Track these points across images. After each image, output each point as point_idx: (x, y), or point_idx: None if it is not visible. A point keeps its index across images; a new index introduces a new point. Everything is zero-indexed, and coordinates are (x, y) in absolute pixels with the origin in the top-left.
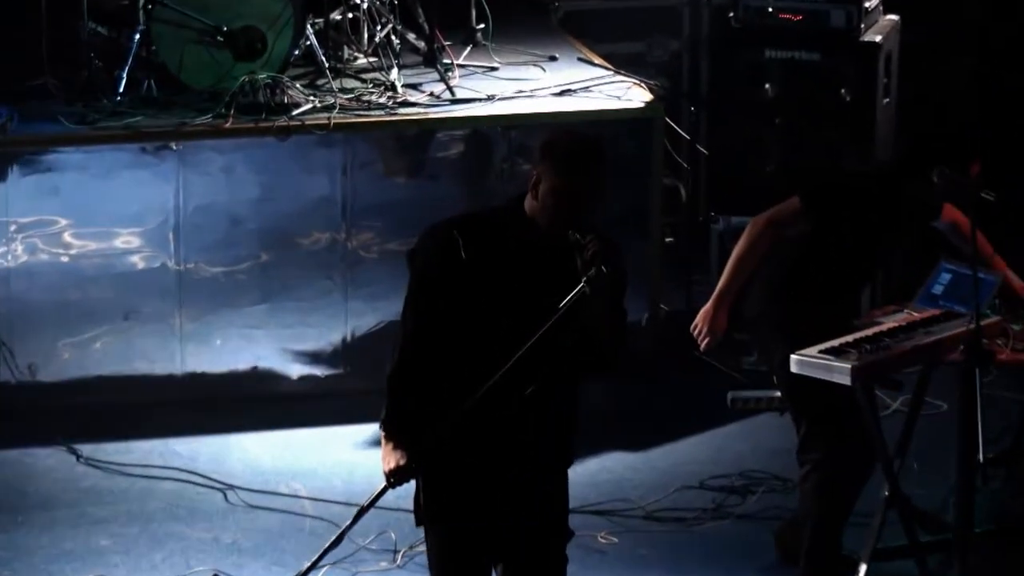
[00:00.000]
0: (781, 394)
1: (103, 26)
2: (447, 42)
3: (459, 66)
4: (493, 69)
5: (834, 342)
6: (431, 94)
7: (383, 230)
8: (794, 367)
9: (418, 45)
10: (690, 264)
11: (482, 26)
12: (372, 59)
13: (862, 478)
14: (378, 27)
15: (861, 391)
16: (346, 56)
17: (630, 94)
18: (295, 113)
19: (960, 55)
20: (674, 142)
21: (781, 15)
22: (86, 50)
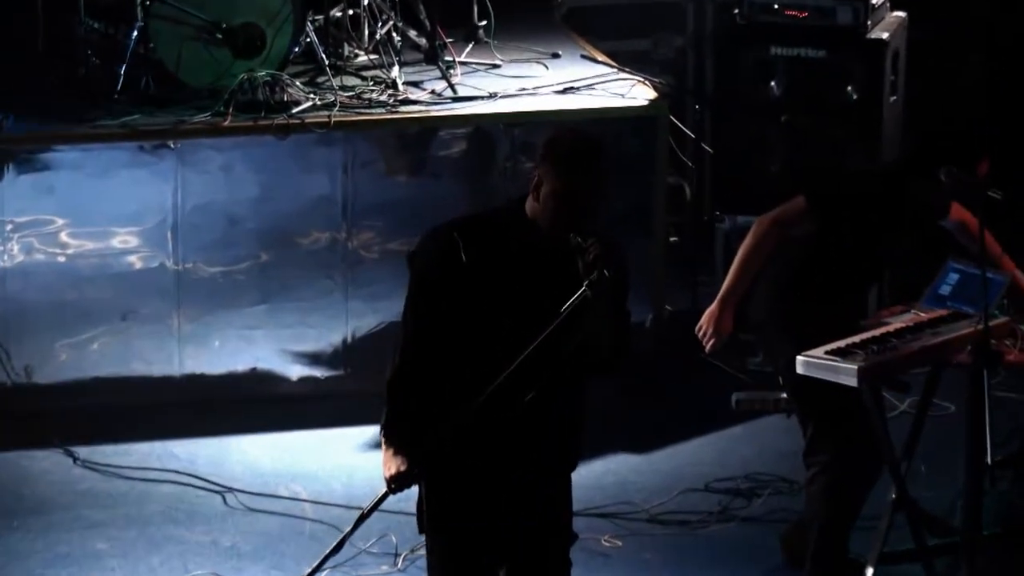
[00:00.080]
0: (788, 395)
1: (100, 22)
2: (449, 39)
3: (461, 63)
4: (495, 66)
5: (840, 343)
6: (432, 92)
7: (384, 229)
8: (800, 368)
9: (419, 42)
10: (695, 264)
11: (484, 23)
12: (373, 56)
13: (869, 480)
14: (379, 24)
15: (868, 393)
16: (346, 53)
17: (634, 92)
18: (295, 111)
19: (968, 52)
20: (678, 140)
21: (787, 12)
22: (83, 47)
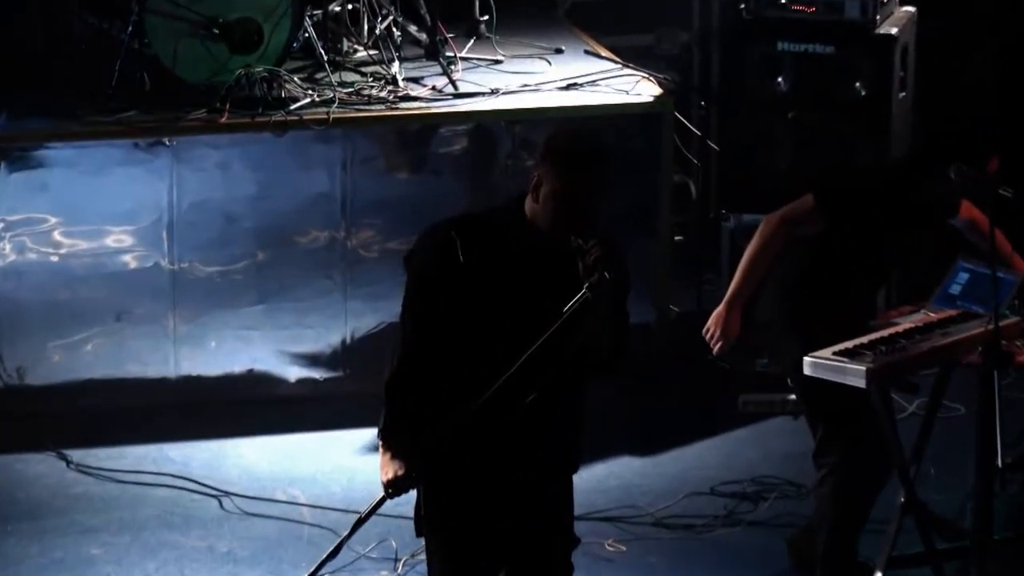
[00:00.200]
0: (796, 396)
1: (94, 17)
2: (450, 34)
3: (462, 59)
4: (497, 62)
5: (848, 343)
6: (433, 88)
7: (384, 228)
8: (807, 369)
9: (420, 37)
10: (700, 263)
11: (486, 18)
12: (372, 52)
13: (879, 482)
14: (378, 19)
15: (876, 394)
16: (345, 49)
17: (638, 88)
18: (293, 108)
19: (978, 48)
20: (684, 138)
21: (794, 6)
22: (77, 43)
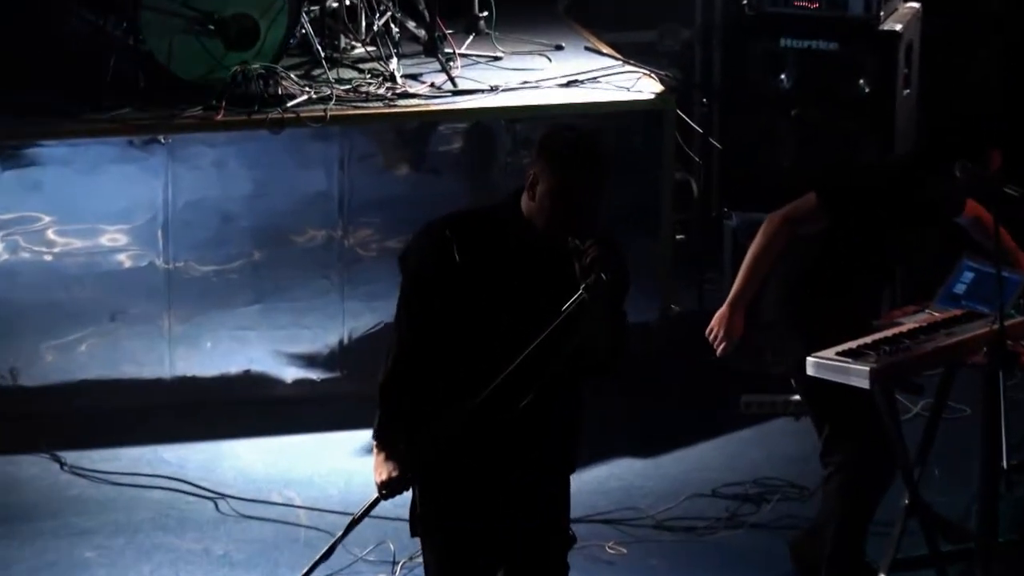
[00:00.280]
0: (800, 397)
1: (91, 14)
2: (449, 30)
3: (461, 56)
4: (497, 59)
5: (852, 344)
6: (432, 85)
7: (382, 227)
8: (810, 370)
9: (418, 34)
10: (702, 262)
11: (485, 14)
12: (370, 48)
13: (884, 481)
14: (376, 15)
15: (880, 395)
16: (343, 45)
17: (640, 85)
18: (289, 105)
19: (982, 46)
20: (685, 135)
21: (797, 2)
22: (71, 39)
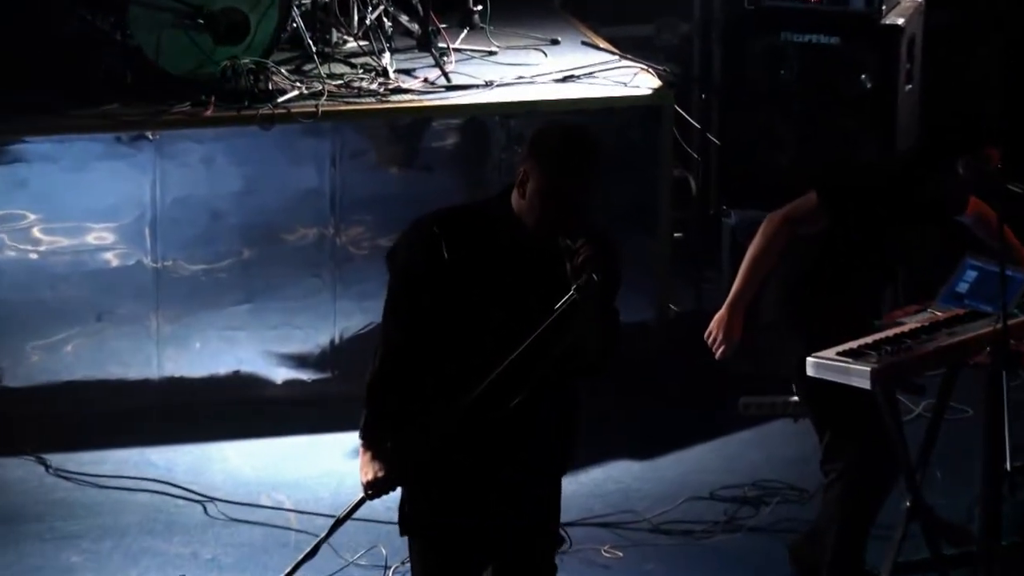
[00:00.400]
0: (800, 399)
1: (84, 11)
2: (442, 25)
3: (455, 50)
4: (491, 54)
5: (853, 344)
6: (425, 80)
7: (374, 225)
8: (810, 370)
9: (412, 28)
10: (700, 261)
11: (480, 8)
12: (363, 43)
13: (887, 486)
14: (369, 8)
15: (881, 395)
16: (335, 40)
17: (637, 80)
18: (280, 100)
19: (982, 43)
20: (684, 131)
21: None
22: (58, 34)
